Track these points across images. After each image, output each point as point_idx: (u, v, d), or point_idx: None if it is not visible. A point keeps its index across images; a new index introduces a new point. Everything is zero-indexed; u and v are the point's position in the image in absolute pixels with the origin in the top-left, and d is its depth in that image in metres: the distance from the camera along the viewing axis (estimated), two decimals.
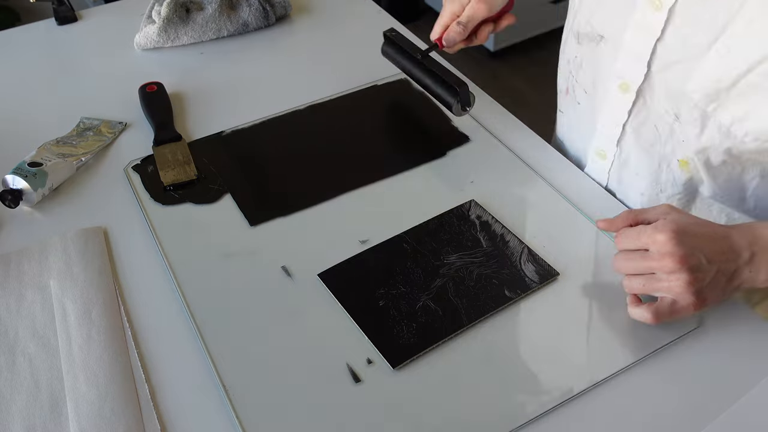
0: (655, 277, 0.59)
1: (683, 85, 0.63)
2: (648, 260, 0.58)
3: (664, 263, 0.57)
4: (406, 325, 0.62)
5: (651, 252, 0.58)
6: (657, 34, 0.64)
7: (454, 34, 0.80)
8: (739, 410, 0.56)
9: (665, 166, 0.71)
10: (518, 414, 0.56)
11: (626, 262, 0.60)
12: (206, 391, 0.59)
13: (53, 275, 0.68)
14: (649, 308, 0.59)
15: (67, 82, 0.98)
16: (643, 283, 0.59)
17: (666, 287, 0.58)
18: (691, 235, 0.58)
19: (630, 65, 0.68)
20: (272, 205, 0.76)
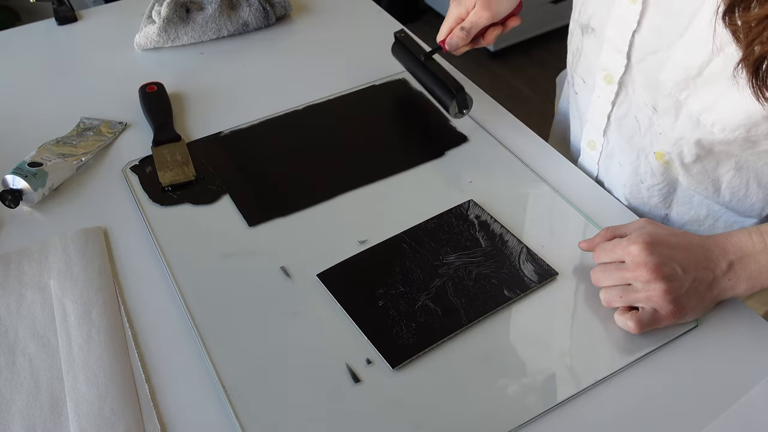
0: (632, 288, 0.60)
1: (658, 74, 0.64)
2: (623, 271, 0.60)
3: (638, 273, 0.58)
4: (406, 325, 0.62)
5: (626, 263, 0.60)
6: (633, 26, 0.65)
7: (457, 39, 0.81)
8: (739, 410, 0.56)
9: (643, 158, 0.72)
10: (518, 414, 0.56)
11: (603, 274, 0.62)
12: (206, 391, 0.59)
13: (53, 275, 0.68)
14: (632, 317, 0.60)
15: (67, 82, 0.98)
16: (619, 294, 0.60)
17: (644, 297, 0.59)
18: (665, 246, 0.59)
19: (612, 57, 0.69)
20: (271, 205, 0.76)
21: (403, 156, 0.81)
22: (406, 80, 0.93)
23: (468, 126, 0.85)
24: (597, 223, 0.72)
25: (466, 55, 0.91)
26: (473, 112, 0.87)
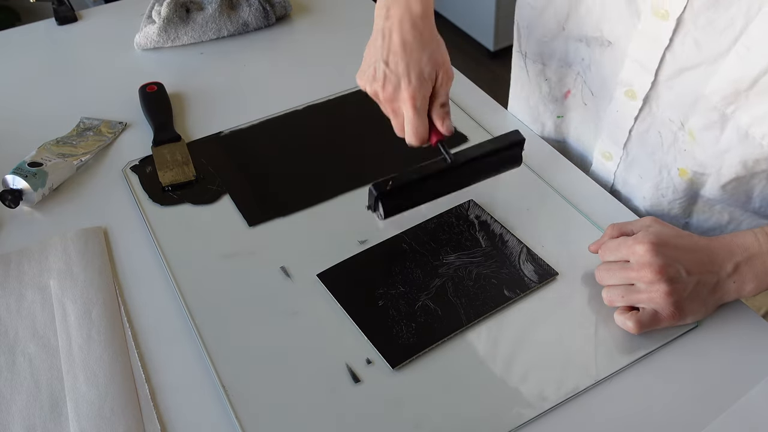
0: (635, 288, 0.59)
1: (700, 89, 0.63)
2: (627, 271, 0.59)
3: (642, 273, 0.58)
4: (406, 325, 0.62)
5: (631, 263, 0.59)
6: (665, 43, 0.63)
7: (448, 116, 0.68)
8: (739, 410, 0.56)
9: (666, 174, 0.71)
10: (518, 413, 0.56)
11: (606, 273, 0.61)
12: (206, 391, 0.59)
13: (53, 275, 0.68)
14: (632, 317, 0.60)
15: (67, 82, 0.98)
16: (622, 294, 0.60)
17: (646, 298, 0.59)
18: (671, 247, 0.58)
19: (636, 74, 0.67)
20: (271, 205, 0.76)
21: (403, 156, 0.81)
22: None
23: (468, 126, 0.85)
24: (597, 223, 0.72)
25: (467, 55, 0.89)
26: (473, 112, 0.87)
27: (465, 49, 2.45)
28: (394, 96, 0.65)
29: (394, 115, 0.68)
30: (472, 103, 0.89)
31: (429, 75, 0.64)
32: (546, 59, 0.78)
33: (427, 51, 0.65)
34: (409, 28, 0.64)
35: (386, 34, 0.65)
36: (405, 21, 0.64)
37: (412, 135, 0.67)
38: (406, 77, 0.64)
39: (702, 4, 0.59)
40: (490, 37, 2.35)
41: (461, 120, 0.86)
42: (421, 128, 0.66)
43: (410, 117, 0.66)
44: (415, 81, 0.64)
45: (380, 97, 0.67)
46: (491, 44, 2.36)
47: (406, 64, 0.64)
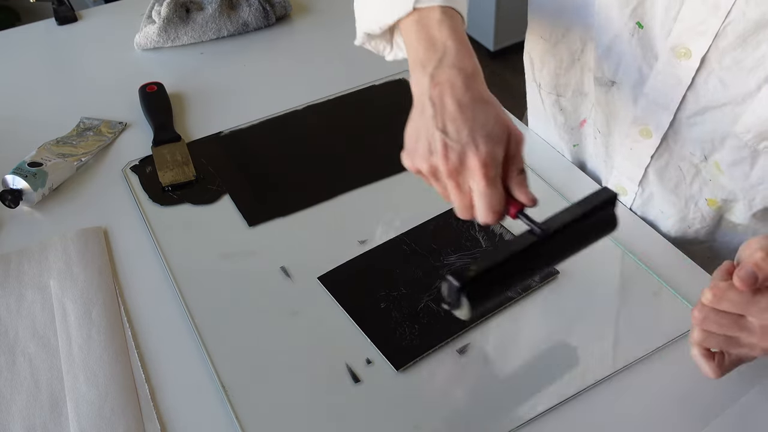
0: (736, 341, 0.51)
1: (728, 128, 0.61)
2: (744, 332, 0.50)
3: (764, 340, 0.49)
4: (408, 327, 0.62)
5: (750, 322, 0.49)
6: (687, 83, 0.61)
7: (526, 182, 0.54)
8: (739, 410, 0.56)
9: (693, 205, 0.70)
10: (518, 414, 0.56)
11: (715, 325, 0.50)
12: (206, 391, 0.59)
13: (53, 275, 0.68)
14: (719, 368, 0.53)
15: (67, 82, 0.98)
16: (722, 344, 0.52)
17: (745, 354, 0.52)
18: None
19: (654, 113, 0.66)
20: (271, 205, 0.76)
21: None
22: (406, 80, 0.93)
23: None
24: None
25: None
26: None
27: None
28: (461, 168, 0.52)
29: (458, 191, 0.53)
30: None
31: (499, 137, 0.52)
32: (561, 90, 0.77)
33: (492, 111, 0.53)
34: (464, 90, 0.53)
35: (436, 102, 0.53)
36: (457, 83, 0.53)
37: (487, 211, 0.52)
38: (472, 143, 0.51)
39: (728, 43, 0.57)
40: (490, 37, 2.34)
41: None
42: (497, 201, 0.52)
43: (482, 189, 0.51)
44: (484, 145, 0.51)
45: (442, 171, 0.53)
46: (491, 44, 2.36)
47: (470, 128, 0.51)
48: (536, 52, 0.77)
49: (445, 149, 0.52)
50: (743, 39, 0.56)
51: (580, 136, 0.79)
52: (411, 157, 0.55)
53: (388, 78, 0.94)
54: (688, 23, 0.59)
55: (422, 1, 0.57)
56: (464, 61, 0.55)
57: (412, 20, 0.58)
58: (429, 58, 0.55)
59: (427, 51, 0.56)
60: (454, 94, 0.53)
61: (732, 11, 0.55)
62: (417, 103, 0.55)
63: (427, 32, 0.57)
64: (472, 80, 0.54)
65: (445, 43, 0.55)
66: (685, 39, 0.59)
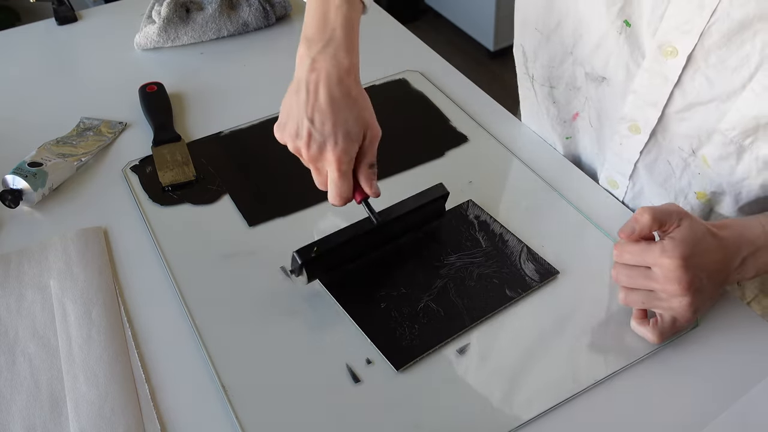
0: (656, 295, 0.58)
1: (714, 125, 0.62)
2: (651, 281, 0.57)
3: (668, 288, 0.56)
4: (408, 327, 0.62)
5: (655, 273, 0.56)
6: (674, 80, 0.62)
7: (374, 178, 0.64)
8: (739, 410, 0.56)
9: (682, 199, 0.70)
10: (518, 413, 0.56)
11: (627, 277, 0.59)
12: (206, 391, 0.59)
13: (53, 275, 0.68)
14: (654, 330, 0.59)
15: (67, 82, 0.98)
16: (642, 300, 0.59)
17: (666, 306, 0.58)
18: (697, 256, 0.56)
19: (642, 110, 0.67)
20: (271, 205, 0.76)
21: (403, 156, 0.81)
22: (406, 80, 0.93)
23: (468, 126, 0.85)
24: (596, 222, 0.72)
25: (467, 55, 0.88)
26: (473, 112, 0.87)
27: (465, 49, 2.45)
28: (319, 157, 0.61)
29: (317, 172, 0.64)
30: (471, 103, 0.89)
31: (356, 136, 0.60)
32: (554, 82, 0.77)
33: (355, 109, 0.61)
34: (336, 84, 0.60)
35: (311, 88, 0.60)
36: (332, 75, 0.60)
37: (336, 197, 0.63)
38: (332, 138, 0.60)
39: (713, 42, 0.58)
40: (490, 37, 2.34)
41: (461, 120, 0.86)
42: (345, 190, 0.62)
43: (334, 179, 0.61)
44: (342, 142, 0.60)
45: (303, 156, 0.62)
46: (491, 44, 2.36)
47: (333, 123, 0.59)
48: (529, 44, 0.78)
49: (309, 138, 0.60)
50: (728, 38, 0.57)
51: (572, 129, 0.80)
52: (281, 132, 0.63)
53: (388, 78, 0.94)
54: (674, 22, 0.59)
55: None
56: (344, 54, 0.61)
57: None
58: (316, 39, 0.62)
59: (317, 31, 0.62)
60: (328, 86, 0.60)
61: (717, 11, 0.56)
62: (295, 81, 0.62)
63: (323, 11, 0.63)
64: (346, 75, 0.61)
65: (334, 29, 0.61)
66: (672, 38, 0.60)
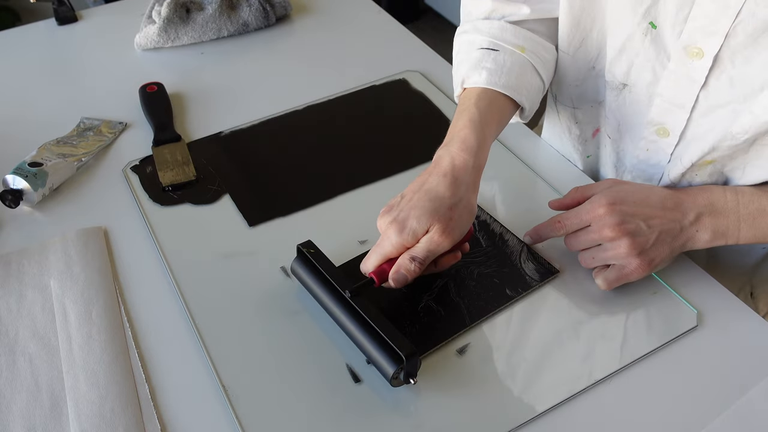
0: (602, 247, 0.62)
1: (727, 129, 0.62)
2: (590, 234, 0.62)
3: (603, 234, 0.61)
4: (409, 327, 0.62)
5: (592, 227, 0.62)
6: (701, 82, 0.62)
7: (407, 273, 0.60)
8: (739, 410, 0.56)
9: None
10: (519, 413, 0.56)
11: (574, 240, 0.64)
12: (206, 391, 0.59)
13: (53, 275, 0.68)
14: (599, 274, 0.63)
15: (67, 82, 0.98)
16: (592, 255, 0.63)
17: (612, 255, 0.61)
18: (628, 203, 0.61)
19: (669, 112, 0.66)
20: (271, 205, 0.76)
21: (403, 156, 0.81)
22: (406, 80, 0.93)
23: None
24: None
25: None
26: None
27: None
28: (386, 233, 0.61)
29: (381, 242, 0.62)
30: None
31: (413, 230, 0.60)
32: (577, 102, 0.77)
33: (430, 206, 0.60)
34: (439, 174, 0.62)
35: (416, 186, 0.63)
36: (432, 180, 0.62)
37: (365, 261, 0.62)
38: (398, 223, 0.60)
39: (739, 42, 0.58)
40: None
41: None
42: (370, 263, 0.62)
43: (376, 245, 0.62)
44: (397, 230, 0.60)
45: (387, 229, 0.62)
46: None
47: (410, 207, 0.61)
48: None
49: (394, 222, 0.61)
50: (754, 38, 0.57)
51: (593, 146, 0.80)
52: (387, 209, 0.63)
53: (388, 78, 0.94)
54: (699, 23, 0.59)
55: (468, 82, 0.70)
56: (448, 162, 0.63)
57: (461, 96, 0.71)
58: (447, 137, 0.66)
59: (450, 128, 0.67)
60: (427, 188, 0.62)
61: (742, 11, 0.56)
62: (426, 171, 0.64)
63: (457, 112, 0.69)
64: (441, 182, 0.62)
65: (454, 133, 0.65)
66: (697, 39, 0.60)
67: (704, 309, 0.63)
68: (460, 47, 0.74)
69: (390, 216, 0.61)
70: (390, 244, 0.60)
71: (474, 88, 0.69)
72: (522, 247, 0.69)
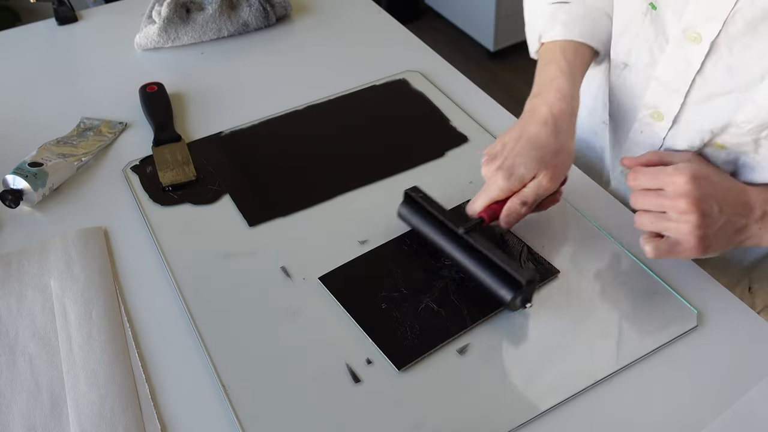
0: (666, 216, 0.60)
1: (731, 116, 0.62)
2: (662, 199, 0.59)
3: (677, 203, 0.58)
4: (410, 327, 0.62)
5: (666, 191, 0.59)
6: (696, 67, 0.62)
7: (516, 215, 0.64)
8: (739, 410, 0.56)
9: None
10: (518, 413, 0.56)
11: (642, 198, 0.61)
12: (206, 391, 0.59)
13: (53, 275, 0.68)
14: (650, 242, 0.61)
15: (67, 82, 0.98)
16: (652, 220, 0.61)
17: (674, 227, 0.59)
18: (710, 183, 0.59)
19: (664, 97, 0.67)
20: (271, 205, 0.76)
21: (404, 156, 0.81)
22: (406, 80, 0.93)
23: (468, 126, 0.85)
24: (597, 222, 0.72)
25: (466, 56, 0.88)
26: (473, 112, 0.87)
27: (465, 49, 2.45)
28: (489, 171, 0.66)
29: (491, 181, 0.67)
30: (471, 103, 0.89)
31: (521, 177, 0.64)
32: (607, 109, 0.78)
33: (534, 153, 0.64)
34: (539, 122, 0.66)
35: (513, 133, 0.67)
36: (540, 113, 0.67)
37: (472, 202, 0.67)
38: (506, 170, 0.64)
39: (738, 30, 0.58)
40: (490, 37, 2.34)
41: (461, 120, 0.86)
42: (479, 204, 0.66)
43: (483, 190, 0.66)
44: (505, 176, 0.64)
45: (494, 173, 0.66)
46: (491, 44, 2.36)
47: (514, 155, 0.65)
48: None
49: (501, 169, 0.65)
50: (753, 26, 0.57)
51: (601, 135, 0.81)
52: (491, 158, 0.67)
53: (388, 78, 0.94)
54: (699, 7, 0.59)
55: (546, 36, 0.73)
56: (546, 110, 0.67)
57: (541, 50, 0.74)
58: (535, 89, 0.70)
59: (536, 81, 0.71)
60: (528, 136, 0.65)
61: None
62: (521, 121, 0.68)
63: (541, 65, 0.72)
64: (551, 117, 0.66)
65: (544, 84, 0.69)
66: (696, 23, 0.60)
67: (704, 309, 0.63)
68: (530, 4, 0.77)
69: (495, 164, 0.65)
70: (497, 188, 0.64)
71: (553, 41, 0.72)
72: (522, 247, 0.69)
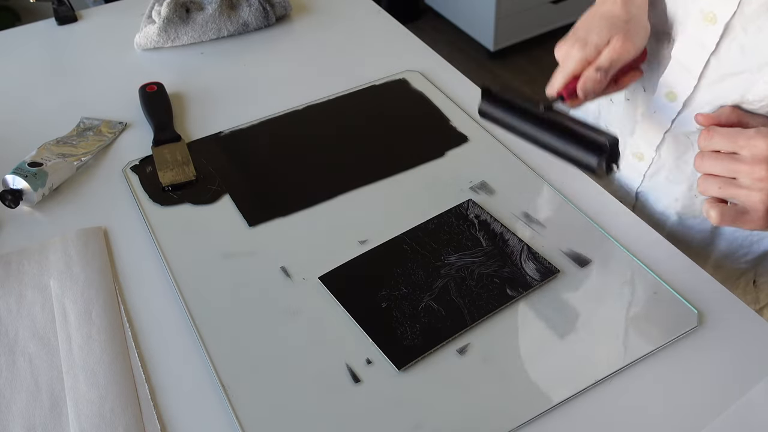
0: (736, 182, 0.56)
1: (742, 96, 0.62)
2: (738, 163, 0.56)
3: (755, 169, 0.54)
4: (410, 326, 0.62)
5: (743, 155, 0.55)
6: (711, 48, 0.62)
7: (593, 83, 0.63)
8: (739, 410, 0.56)
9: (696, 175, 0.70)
10: (518, 413, 0.56)
11: (713, 160, 0.57)
12: (206, 391, 0.59)
13: (53, 275, 0.68)
14: (717, 207, 0.57)
15: (67, 82, 0.98)
16: (720, 185, 0.57)
17: (745, 194, 0.56)
18: None
19: (679, 77, 0.67)
20: (271, 205, 0.76)
21: (403, 156, 0.81)
22: (406, 80, 0.93)
23: (468, 126, 0.85)
24: (597, 222, 0.72)
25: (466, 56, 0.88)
26: (473, 113, 0.87)
27: (465, 49, 2.45)
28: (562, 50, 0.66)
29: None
30: (471, 103, 0.89)
31: (594, 44, 0.64)
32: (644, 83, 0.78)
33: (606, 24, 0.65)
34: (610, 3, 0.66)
35: (594, 5, 0.68)
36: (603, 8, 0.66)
37: (551, 82, 0.67)
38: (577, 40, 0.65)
39: (753, 11, 0.58)
40: (490, 37, 2.34)
41: (461, 120, 0.86)
42: (557, 84, 0.67)
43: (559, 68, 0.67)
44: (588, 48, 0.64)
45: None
46: (491, 44, 2.36)
47: (585, 29, 0.65)
48: None
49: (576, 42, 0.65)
50: (767, 8, 0.57)
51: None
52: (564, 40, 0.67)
53: (388, 78, 0.94)
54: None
55: None
56: None
57: None
58: None
59: None
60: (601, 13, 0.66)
61: None
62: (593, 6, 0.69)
63: None
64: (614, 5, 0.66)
65: None
66: (712, 2, 0.60)
67: (704, 309, 0.63)
68: None
69: (569, 41, 0.65)
70: (573, 61, 0.64)
71: None
72: (522, 247, 0.69)
